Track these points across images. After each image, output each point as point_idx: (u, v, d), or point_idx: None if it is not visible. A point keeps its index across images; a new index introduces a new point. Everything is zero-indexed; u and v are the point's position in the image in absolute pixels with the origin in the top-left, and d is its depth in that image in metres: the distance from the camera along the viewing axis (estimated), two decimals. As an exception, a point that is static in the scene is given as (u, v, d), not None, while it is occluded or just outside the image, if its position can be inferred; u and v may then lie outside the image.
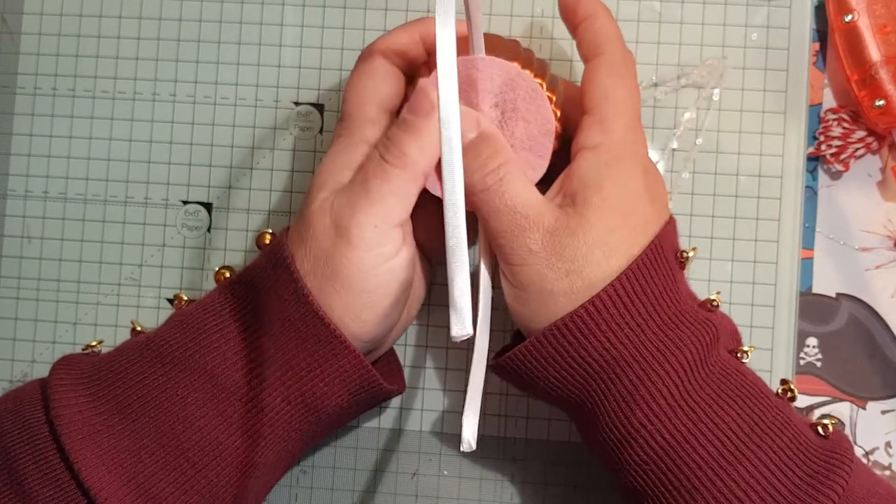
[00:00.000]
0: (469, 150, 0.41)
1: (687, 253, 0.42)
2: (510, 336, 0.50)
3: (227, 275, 0.44)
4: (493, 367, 0.44)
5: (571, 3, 0.44)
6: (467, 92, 0.43)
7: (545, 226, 0.40)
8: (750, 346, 0.43)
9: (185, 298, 0.45)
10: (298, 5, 0.53)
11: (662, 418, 0.39)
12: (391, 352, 0.49)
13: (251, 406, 0.40)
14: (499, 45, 0.44)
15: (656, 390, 0.39)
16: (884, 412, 0.51)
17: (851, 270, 0.51)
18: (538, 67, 0.44)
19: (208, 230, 0.53)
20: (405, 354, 0.51)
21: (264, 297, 0.41)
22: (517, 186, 0.41)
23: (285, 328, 0.40)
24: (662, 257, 0.41)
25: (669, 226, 0.42)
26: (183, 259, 0.53)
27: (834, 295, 0.51)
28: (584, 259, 0.39)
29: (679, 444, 0.38)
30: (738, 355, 0.42)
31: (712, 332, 0.40)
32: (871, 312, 0.51)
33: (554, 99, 0.44)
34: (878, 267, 0.51)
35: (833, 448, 0.39)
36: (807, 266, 0.51)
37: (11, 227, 0.54)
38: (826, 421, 0.40)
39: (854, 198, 0.52)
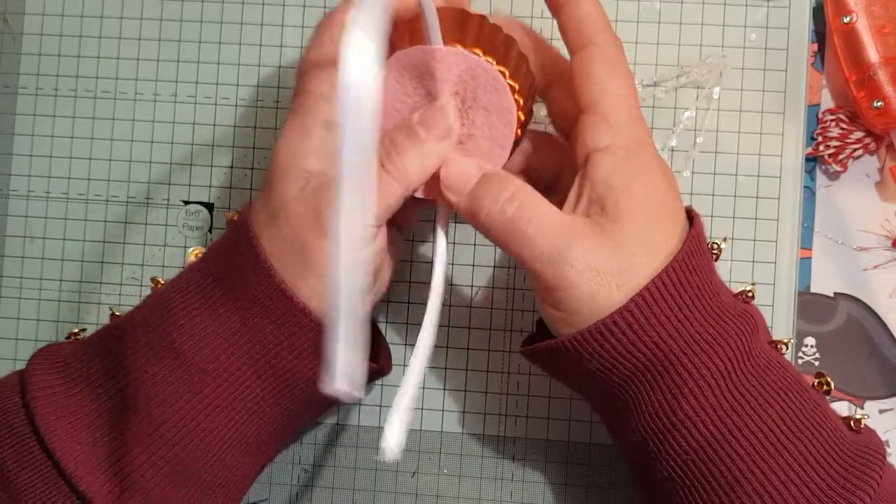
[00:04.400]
0: (477, 189, 0.40)
1: (719, 244, 0.42)
2: (535, 323, 0.50)
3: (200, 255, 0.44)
4: (524, 352, 0.43)
5: None
6: (426, 81, 0.42)
7: (584, 243, 0.38)
8: (789, 339, 0.42)
9: (162, 281, 0.45)
10: (299, 6, 0.53)
11: (708, 410, 0.38)
12: (375, 331, 0.48)
13: (222, 381, 0.40)
14: (448, 17, 0.42)
15: (704, 382, 0.38)
16: (882, 411, 0.51)
17: (850, 270, 0.51)
18: (503, 52, 0.42)
19: (209, 230, 0.53)
20: (405, 354, 0.52)
21: (229, 274, 0.41)
22: (541, 210, 0.39)
23: (250, 303, 0.40)
24: (702, 249, 0.40)
25: (699, 218, 0.41)
26: (184, 259, 0.53)
27: (832, 294, 0.52)
28: (630, 267, 0.38)
29: (722, 436, 0.38)
30: (778, 347, 0.42)
31: (752, 323, 0.40)
32: (869, 312, 0.51)
33: (517, 87, 0.42)
34: (876, 267, 0.51)
35: (867, 444, 0.39)
36: (805, 266, 0.52)
37: (14, 226, 0.54)
38: (858, 416, 0.40)
39: (852, 198, 0.52)
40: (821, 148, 0.51)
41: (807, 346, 0.51)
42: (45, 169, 0.54)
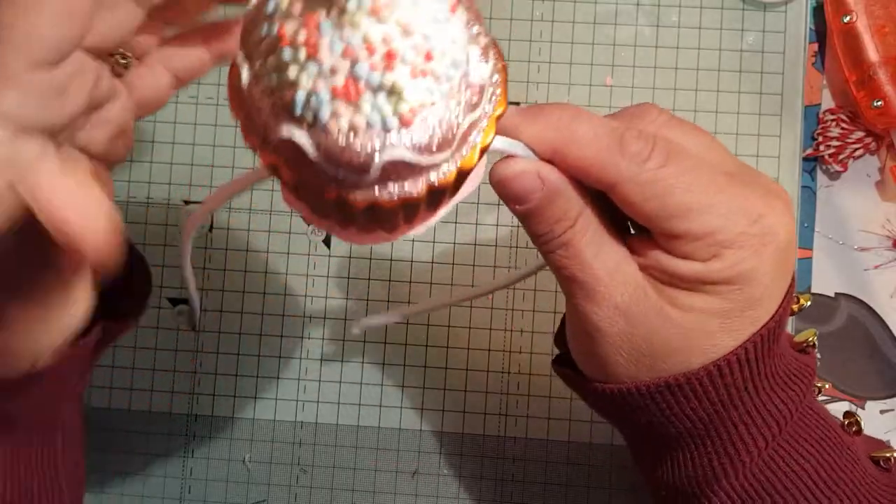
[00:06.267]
0: (532, 216, 0.34)
1: (802, 303, 0.39)
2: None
3: None
4: (559, 373, 0.41)
5: (594, 174, 0.34)
6: None
7: (616, 303, 0.35)
8: (823, 382, 0.40)
9: None
10: (300, 7, 0.53)
11: (749, 471, 0.37)
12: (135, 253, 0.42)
13: None
14: None
15: (754, 446, 0.37)
16: (882, 411, 0.51)
17: (850, 270, 0.51)
18: None
19: (210, 230, 0.53)
20: (405, 353, 0.52)
21: None
22: (590, 251, 0.35)
23: None
24: (780, 326, 0.36)
25: (790, 296, 0.36)
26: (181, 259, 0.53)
27: (833, 295, 0.52)
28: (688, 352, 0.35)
29: (756, 492, 0.37)
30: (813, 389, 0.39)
31: (807, 381, 0.38)
32: (870, 312, 0.51)
33: None
34: (876, 267, 0.51)
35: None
36: (806, 266, 0.52)
37: (13, 226, 0.54)
38: (888, 454, 0.39)
39: (853, 198, 0.52)
40: (821, 148, 0.51)
41: (808, 346, 0.51)
42: (46, 168, 0.54)
